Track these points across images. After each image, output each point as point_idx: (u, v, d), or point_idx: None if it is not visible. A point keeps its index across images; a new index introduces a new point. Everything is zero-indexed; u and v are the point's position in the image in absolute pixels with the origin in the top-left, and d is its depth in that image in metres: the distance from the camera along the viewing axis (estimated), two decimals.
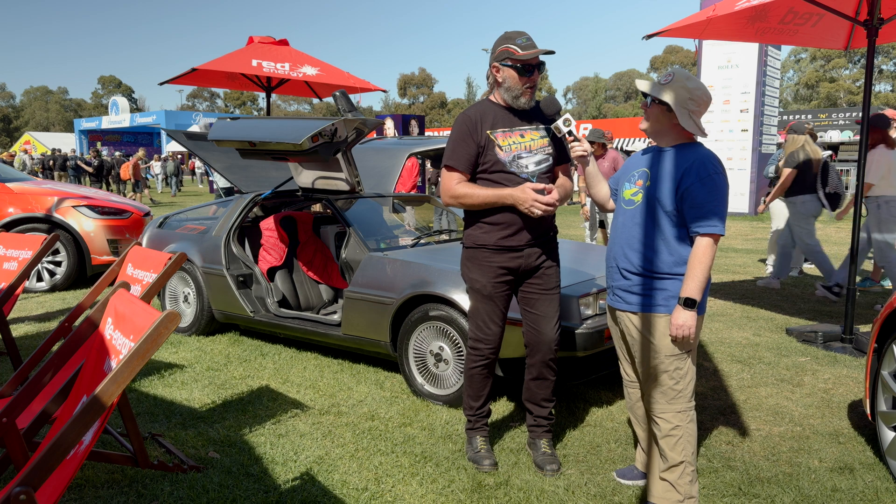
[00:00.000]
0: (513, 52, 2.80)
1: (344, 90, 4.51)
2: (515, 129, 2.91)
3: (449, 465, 3.03)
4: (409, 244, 4.57)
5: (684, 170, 2.44)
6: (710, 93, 2.51)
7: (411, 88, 79.39)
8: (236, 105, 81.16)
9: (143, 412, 3.62)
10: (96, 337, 2.37)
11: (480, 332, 3.00)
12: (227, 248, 4.98)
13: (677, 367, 2.49)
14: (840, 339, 5.02)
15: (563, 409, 3.75)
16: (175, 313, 1.80)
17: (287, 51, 8.09)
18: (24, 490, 1.61)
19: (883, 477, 2.96)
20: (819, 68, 63.25)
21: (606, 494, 2.79)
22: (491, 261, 2.92)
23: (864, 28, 4.86)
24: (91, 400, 1.71)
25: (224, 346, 4.97)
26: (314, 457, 3.12)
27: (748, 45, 15.14)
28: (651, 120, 2.57)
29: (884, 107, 45.19)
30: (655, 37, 5.40)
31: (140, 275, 3.17)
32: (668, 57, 69.12)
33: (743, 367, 4.54)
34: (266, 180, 5.52)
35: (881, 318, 3.14)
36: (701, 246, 2.40)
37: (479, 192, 2.85)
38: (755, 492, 2.83)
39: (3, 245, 4.00)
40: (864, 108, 4.89)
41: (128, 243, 7.26)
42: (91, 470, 2.91)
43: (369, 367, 4.47)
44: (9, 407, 2.33)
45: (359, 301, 4.11)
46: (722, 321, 5.80)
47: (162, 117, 42.12)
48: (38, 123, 79.10)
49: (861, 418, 3.63)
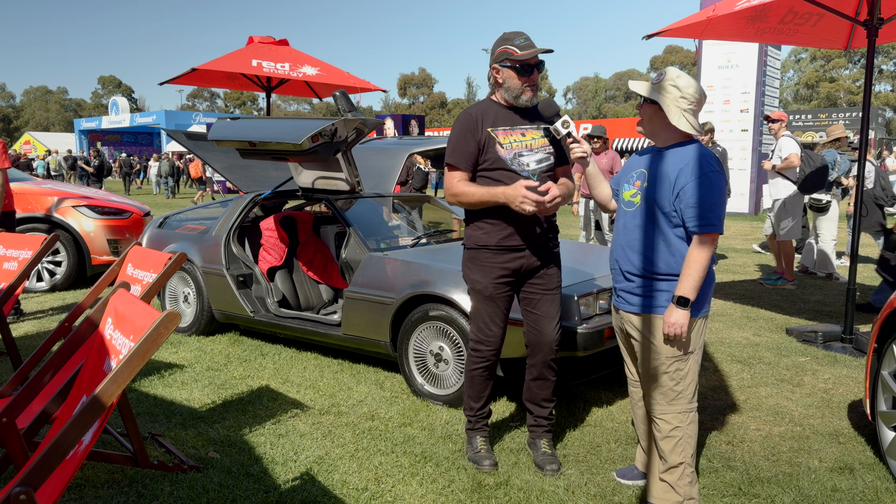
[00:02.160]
0: (511, 52, 2.81)
1: (344, 90, 4.51)
2: (517, 128, 2.92)
3: (449, 465, 3.03)
4: (409, 244, 4.57)
5: (680, 169, 2.44)
6: (703, 90, 2.51)
7: (411, 88, 79.38)
8: (236, 105, 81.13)
9: (143, 412, 3.62)
10: (96, 337, 2.37)
11: (482, 333, 2.99)
12: (227, 248, 4.98)
13: (677, 369, 2.49)
14: (840, 339, 5.02)
15: (563, 409, 3.75)
16: (175, 313, 1.80)
17: (287, 51, 8.09)
18: (24, 490, 1.61)
19: (883, 477, 2.96)
20: (819, 68, 63.25)
21: (606, 494, 2.79)
22: (492, 262, 2.92)
23: (864, 28, 4.86)
24: (91, 400, 1.71)
25: (224, 346, 4.97)
26: (314, 457, 3.12)
27: (748, 45, 15.14)
28: (645, 120, 2.59)
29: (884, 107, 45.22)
30: (655, 37, 5.40)
31: (140, 275, 3.17)
32: (668, 57, 69.11)
33: (743, 367, 4.54)
34: (266, 180, 5.52)
35: (881, 318, 3.14)
36: (698, 245, 2.40)
37: (474, 191, 2.85)
38: (755, 492, 2.83)
39: (3, 245, 4.00)
40: (864, 108, 4.89)
41: (128, 243, 7.26)
42: (91, 470, 2.91)
43: (369, 367, 4.47)
44: (9, 407, 2.33)
45: (359, 301, 4.11)
46: (722, 321, 5.80)
47: (162, 117, 42.09)
48: (38, 123, 79.07)
49: (861, 418, 3.63)
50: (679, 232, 2.47)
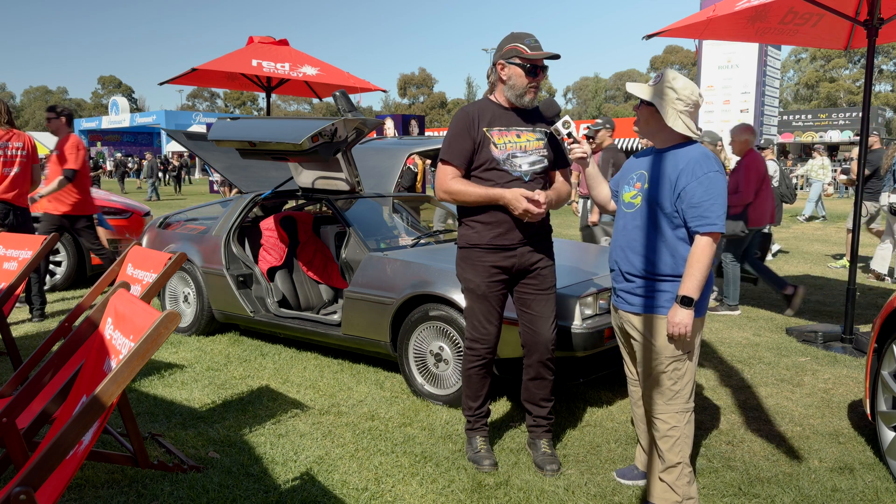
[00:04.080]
0: (521, 50, 2.82)
1: (344, 90, 4.51)
2: (512, 129, 2.92)
3: (449, 465, 3.03)
4: (409, 244, 4.57)
5: (680, 170, 2.45)
6: (699, 92, 2.52)
7: (411, 88, 79.37)
8: (236, 105, 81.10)
9: (143, 412, 3.62)
10: (96, 337, 2.37)
11: (476, 331, 3.00)
12: (227, 248, 4.98)
13: (675, 368, 2.49)
14: (840, 339, 5.02)
15: (563, 409, 3.75)
16: (175, 313, 1.80)
17: (287, 51, 8.09)
18: (24, 490, 1.61)
19: (883, 477, 2.96)
20: (819, 68, 63.23)
21: (606, 494, 2.79)
22: (484, 260, 2.93)
23: (864, 28, 4.86)
24: (91, 400, 1.71)
25: (224, 346, 4.97)
26: (314, 457, 3.12)
27: (748, 45, 15.13)
28: (641, 122, 2.59)
29: (884, 107, 45.22)
30: (655, 37, 5.40)
31: (140, 275, 3.17)
32: (668, 57, 69.09)
33: (743, 367, 4.54)
34: (266, 180, 5.52)
35: (881, 318, 3.14)
36: (700, 244, 2.40)
37: (472, 190, 2.86)
38: (755, 492, 2.83)
39: (3, 245, 4.00)
40: (865, 108, 4.89)
41: (128, 243, 7.26)
42: (91, 470, 2.91)
43: (369, 367, 4.47)
44: (9, 407, 2.33)
45: (359, 301, 4.11)
46: (722, 321, 5.80)
47: (162, 117, 42.13)
48: (38, 123, 79.00)
49: (861, 418, 3.63)
50: (680, 233, 2.47)
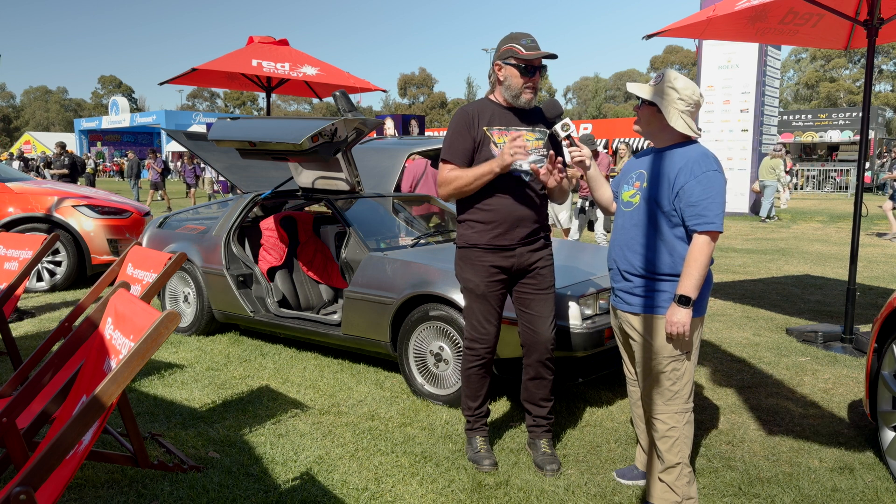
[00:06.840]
0: (517, 51, 2.82)
1: (344, 90, 4.51)
2: (512, 129, 2.93)
3: (449, 465, 3.03)
4: (409, 244, 4.57)
5: (679, 169, 2.45)
6: (700, 92, 2.52)
7: (411, 88, 79.35)
8: (236, 105, 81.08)
9: (143, 412, 3.62)
10: (96, 337, 2.37)
11: (476, 331, 3.00)
12: (227, 247, 4.98)
13: (674, 369, 2.49)
14: (840, 339, 5.02)
15: (563, 409, 3.75)
16: (175, 313, 1.80)
17: (287, 51, 8.09)
18: (24, 490, 1.61)
19: (883, 477, 2.96)
20: (819, 68, 63.21)
21: (606, 494, 2.79)
22: (483, 260, 2.94)
23: (864, 28, 4.86)
24: (91, 400, 1.71)
25: (224, 346, 4.97)
26: (314, 457, 3.12)
27: (748, 45, 15.14)
28: (643, 121, 2.60)
29: (884, 107, 45.20)
30: (655, 37, 5.40)
31: (140, 275, 3.17)
32: (668, 57, 69.08)
33: (743, 367, 4.54)
34: (266, 180, 5.52)
35: (881, 318, 3.14)
36: (698, 243, 2.40)
37: (463, 173, 2.88)
38: (755, 492, 2.83)
39: (3, 245, 4.00)
40: (865, 108, 4.89)
41: (128, 243, 7.26)
42: (91, 470, 2.91)
43: (369, 367, 4.47)
44: (9, 407, 2.33)
45: (359, 301, 4.11)
46: (722, 321, 5.80)
47: (162, 117, 42.12)
48: (38, 123, 79.04)
49: (861, 418, 3.63)
50: (678, 232, 2.47)
